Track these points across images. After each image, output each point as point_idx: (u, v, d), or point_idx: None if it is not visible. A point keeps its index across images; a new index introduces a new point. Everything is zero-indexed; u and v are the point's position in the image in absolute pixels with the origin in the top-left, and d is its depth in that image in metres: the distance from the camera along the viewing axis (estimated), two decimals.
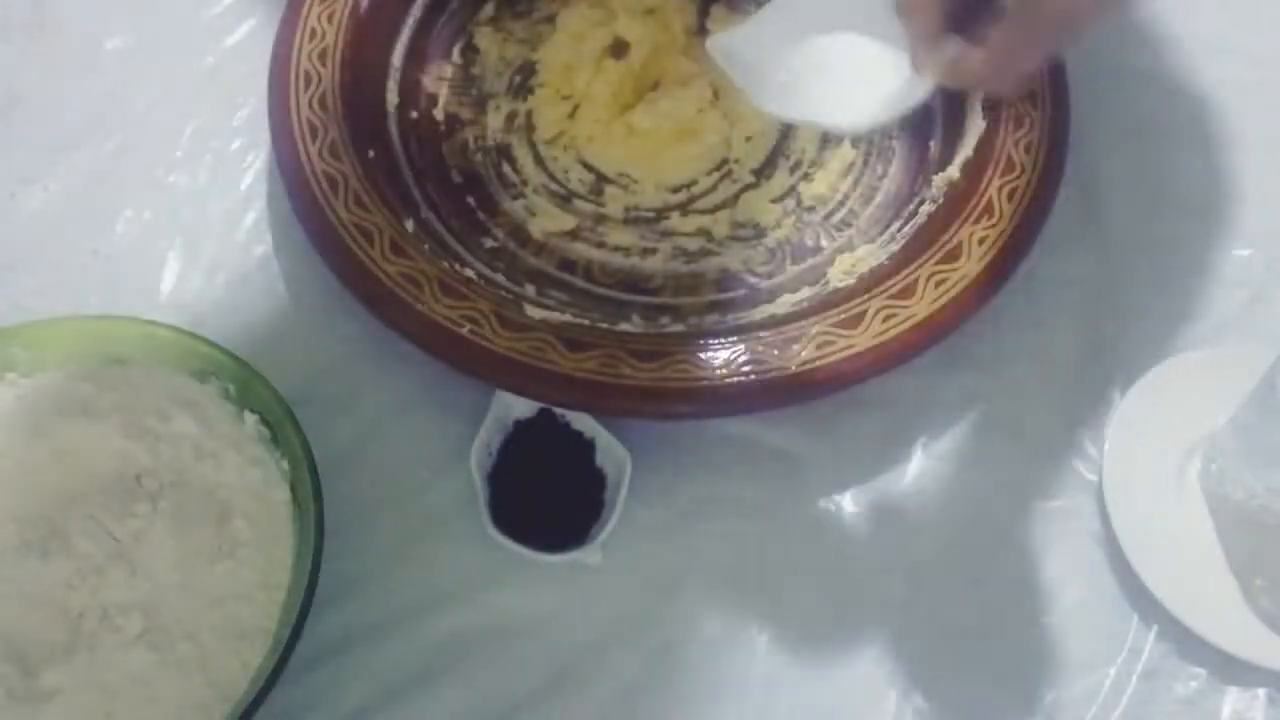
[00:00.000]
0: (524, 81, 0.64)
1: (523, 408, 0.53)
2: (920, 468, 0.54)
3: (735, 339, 0.52)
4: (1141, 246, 0.60)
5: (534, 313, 0.53)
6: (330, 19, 0.60)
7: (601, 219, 0.60)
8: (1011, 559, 0.52)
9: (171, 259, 0.59)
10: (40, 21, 0.66)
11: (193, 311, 0.57)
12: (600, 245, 0.59)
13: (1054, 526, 0.53)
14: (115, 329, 0.50)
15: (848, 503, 0.53)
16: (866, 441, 0.54)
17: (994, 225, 0.55)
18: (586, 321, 0.54)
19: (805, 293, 0.56)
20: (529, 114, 0.63)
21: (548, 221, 0.59)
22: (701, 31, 0.63)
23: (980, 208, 0.56)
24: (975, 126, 0.59)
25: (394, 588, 0.51)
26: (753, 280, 0.58)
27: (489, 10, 0.66)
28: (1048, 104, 0.59)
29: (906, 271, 0.54)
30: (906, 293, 0.53)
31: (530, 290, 0.56)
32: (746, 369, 0.51)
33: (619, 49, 0.62)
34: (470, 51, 0.65)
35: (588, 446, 0.53)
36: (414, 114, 0.62)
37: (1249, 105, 0.65)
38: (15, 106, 0.63)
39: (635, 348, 0.52)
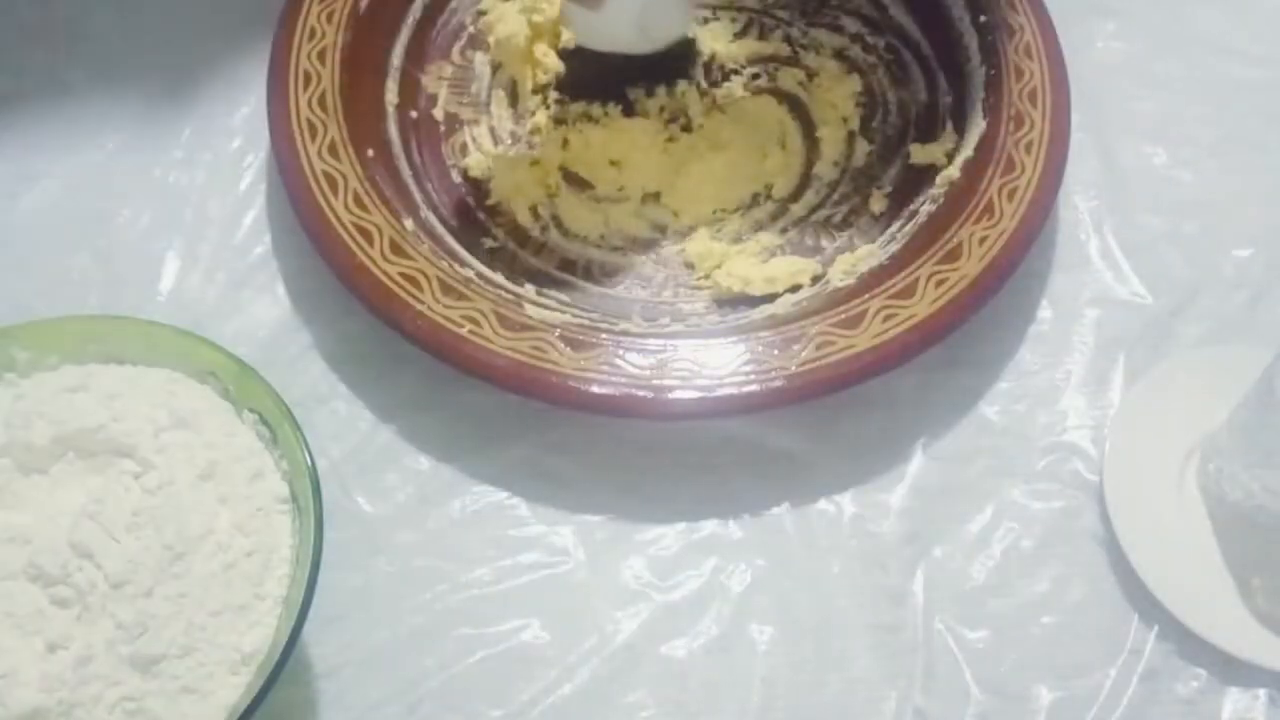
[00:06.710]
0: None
1: None
2: (920, 468, 0.54)
3: (735, 339, 0.52)
4: (1142, 246, 0.60)
5: (534, 313, 0.53)
6: (329, 18, 0.60)
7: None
8: (1011, 560, 0.52)
9: (171, 259, 0.59)
10: (40, 20, 0.66)
11: (192, 311, 0.57)
12: (600, 245, 0.59)
13: (1054, 527, 0.53)
14: (115, 329, 0.50)
15: (848, 503, 0.53)
16: (866, 441, 0.54)
17: (994, 225, 0.55)
18: (586, 321, 0.54)
19: (805, 293, 0.56)
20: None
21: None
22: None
23: (980, 207, 0.56)
24: (975, 126, 0.59)
25: (393, 589, 0.51)
26: None
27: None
28: (1048, 104, 0.59)
29: (907, 271, 0.54)
30: (907, 293, 0.53)
31: (530, 290, 0.56)
32: (747, 369, 0.51)
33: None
34: (470, 50, 0.65)
35: None
36: (414, 113, 0.62)
37: (1250, 105, 0.65)
38: (15, 106, 0.63)
39: (635, 348, 0.52)
